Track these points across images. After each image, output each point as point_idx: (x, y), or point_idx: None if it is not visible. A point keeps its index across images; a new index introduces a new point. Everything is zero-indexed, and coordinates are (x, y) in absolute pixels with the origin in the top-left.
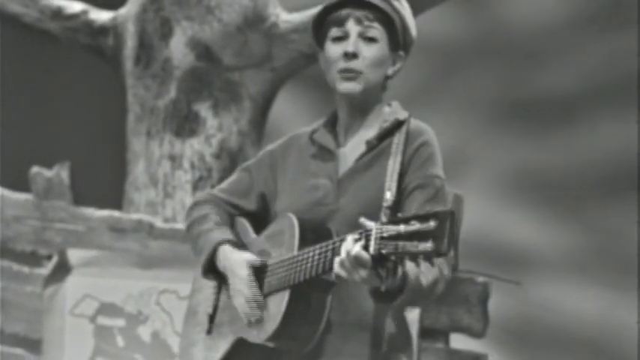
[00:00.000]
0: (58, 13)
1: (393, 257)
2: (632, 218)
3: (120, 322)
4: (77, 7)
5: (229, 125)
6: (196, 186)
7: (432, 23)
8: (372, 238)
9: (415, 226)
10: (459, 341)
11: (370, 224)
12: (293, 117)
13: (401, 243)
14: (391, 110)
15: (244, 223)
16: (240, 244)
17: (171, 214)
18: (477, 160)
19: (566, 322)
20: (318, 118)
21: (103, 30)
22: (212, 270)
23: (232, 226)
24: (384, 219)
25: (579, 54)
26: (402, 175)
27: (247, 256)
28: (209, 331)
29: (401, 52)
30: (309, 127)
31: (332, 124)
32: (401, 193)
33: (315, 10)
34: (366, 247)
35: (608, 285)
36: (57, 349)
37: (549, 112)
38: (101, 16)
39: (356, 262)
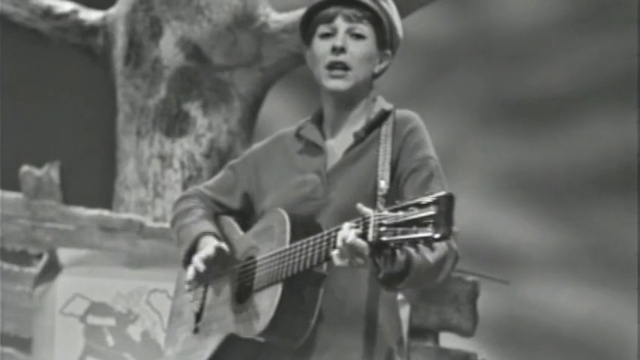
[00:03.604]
0: (48, 13)
1: (392, 244)
2: (632, 218)
3: (110, 322)
4: (67, 7)
5: (219, 125)
6: (186, 185)
7: (422, 24)
8: (371, 225)
9: (414, 212)
10: (448, 340)
11: (368, 211)
12: (283, 116)
13: (400, 229)
14: (376, 103)
15: (231, 222)
16: (221, 237)
17: (161, 214)
18: (466, 160)
19: (555, 321)
20: (307, 117)
21: (92, 30)
22: (191, 261)
23: (217, 222)
24: (381, 207)
25: (572, 54)
26: (394, 164)
27: (218, 243)
28: (196, 330)
29: (388, 51)
30: (293, 126)
31: (318, 121)
32: (397, 181)
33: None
34: (364, 235)
35: (601, 284)
36: (47, 349)
37: (540, 112)
38: (91, 15)
39: (353, 249)
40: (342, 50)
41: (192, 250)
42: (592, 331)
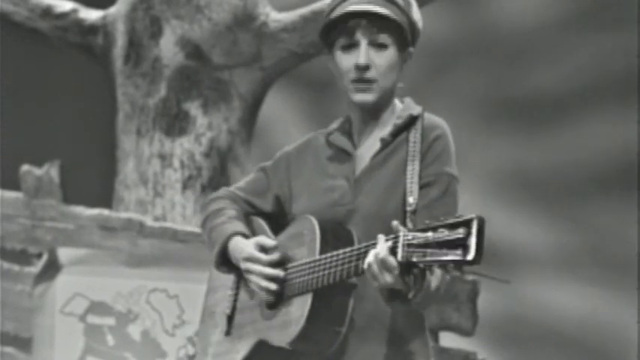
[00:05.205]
0: (47, 12)
1: (421, 265)
2: (632, 218)
3: (110, 321)
4: (67, 6)
5: (219, 124)
6: (186, 185)
7: (422, 24)
8: (400, 244)
9: (444, 233)
10: (448, 339)
11: (398, 229)
12: (283, 116)
13: (429, 250)
14: (404, 106)
15: (262, 224)
16: (251, 237)
17: (160, 213)
18: (466, 160)
19: (555, 320)
20: (307, 116)
21: (92, 29)
22: (225, 263)
23: (248, 223)
24: (410, 225)
25: (572, 54)
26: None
27: (256, 238)
28: (227, 332)
29: (410, 49)
30: (325, 129)
31: (348, 126)
32: (419, 179)
33: (304, 10)
34: (393, 253)
35: (601, 284)
36: (47, 348)
37: (540, 111)
38: (91, 14)
39: (383, 266)
40: (366, 67)
41: (224, 250)
42: (592, 330)
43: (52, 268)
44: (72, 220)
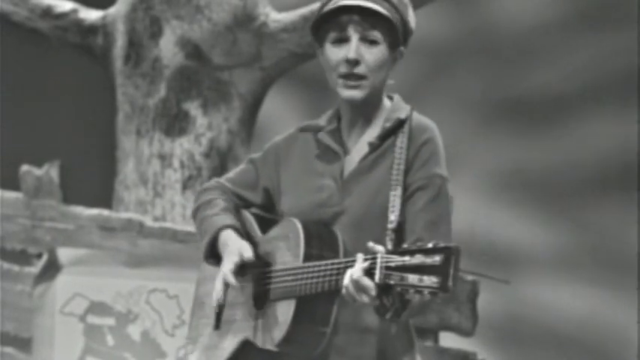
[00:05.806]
0: (47, 12)
1: (398, 288)
2: (632, 218)
3: (110, 321)
4: (67, 6)
5: (219, 124)
6: (186, 185)
7: (421, 23)
8: (377, 266)
9: (420, 259)
10: (448, 339)
11: (377, 249)
12: (282, 116)
13: (406, 275)
14: (393, 106)
15: (250, 219)
16: (242, 232)
17: (160, 213)
18: (466, 160)
19: (555, 320)
20: (307, 116)
21: (92, 29)
22: (213, 255)
23: (238, 217)
24: (389, 245)
25: (572, 54)
26: (405, 174)
27: (244, 246)
28: (217, 327)
29: (401, 48)
30: (314, 120)
31: (336, 122)
32: (403, 192)
33: (304, 10)
34: (370, 275)
35: (601, 284)
36: (47, 348)
37: (540, 111)
38: (91, 15)
39: (359, 287)
40: (356, 62)
41: (214, 242)
42: (592, 330)
43: (52, 268)
44: (72, 221)
